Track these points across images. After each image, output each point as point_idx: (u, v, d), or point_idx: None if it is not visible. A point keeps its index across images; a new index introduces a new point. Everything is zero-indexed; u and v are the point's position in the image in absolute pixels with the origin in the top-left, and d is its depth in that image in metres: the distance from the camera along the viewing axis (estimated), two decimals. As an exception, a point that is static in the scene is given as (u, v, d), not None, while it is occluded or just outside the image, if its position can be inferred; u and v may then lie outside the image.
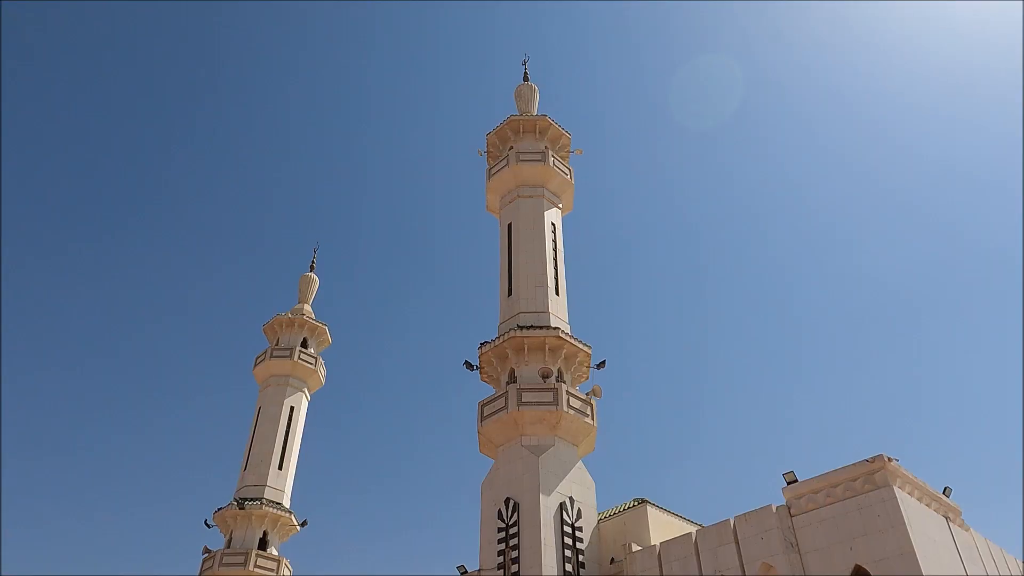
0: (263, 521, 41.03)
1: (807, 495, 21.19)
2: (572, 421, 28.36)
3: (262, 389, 47.11)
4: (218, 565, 39.02)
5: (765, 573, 20.75)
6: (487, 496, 28.06)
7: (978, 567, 21.38)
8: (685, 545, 23.16)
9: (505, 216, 36.47)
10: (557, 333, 30.31)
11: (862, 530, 19.64)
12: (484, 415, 29.33)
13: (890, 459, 20.22)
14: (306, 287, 52.93)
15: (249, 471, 43.25)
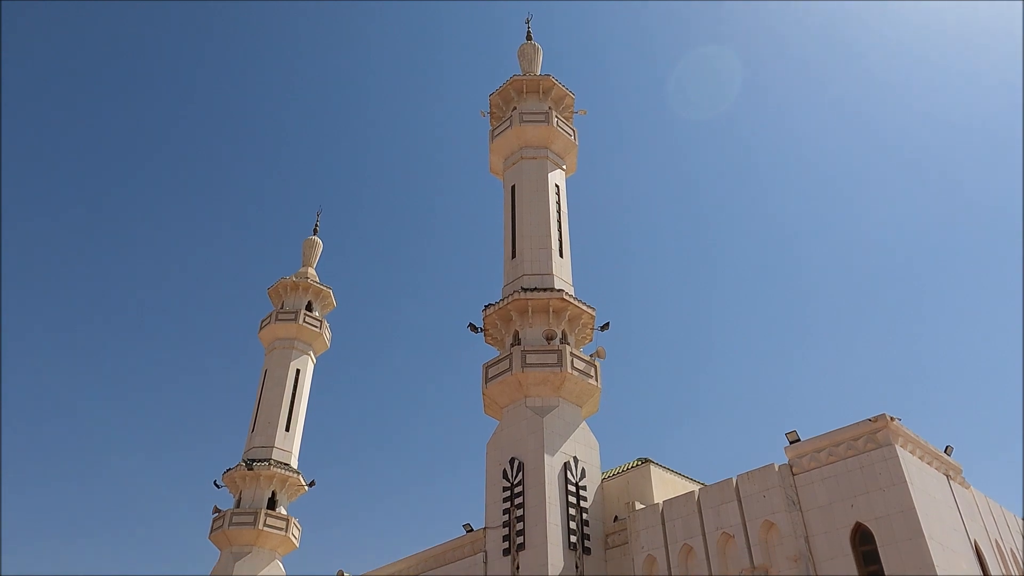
0: (271, 481, 41.63)
1: (810, 454, 21.37)
2: (576, 382, 28.52)
3: (268, 352, 47.42)
4: (228, 524, 39.69)
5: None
6: (492, 456, 28.37)
7: (978, 524, 21.62)
8: (688, 503, 23.44)
9: (508, 178, 36.23)
10: (561, 295, 30.32)
11: (863, 488, 19.84)
12: (488, 377, 29.51)
13: (892, 418, 20.33)
14: (310, 250, 52.92)
15: (257, 433, 43.76)
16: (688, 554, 22.71)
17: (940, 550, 18.54)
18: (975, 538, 20.86)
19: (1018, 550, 22.88)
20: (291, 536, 40.66)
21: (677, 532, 23.14)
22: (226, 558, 39.74)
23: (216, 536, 40.20)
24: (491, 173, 38.55)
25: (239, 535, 39.61)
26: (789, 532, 20.68)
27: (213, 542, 40.70)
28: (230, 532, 39.58)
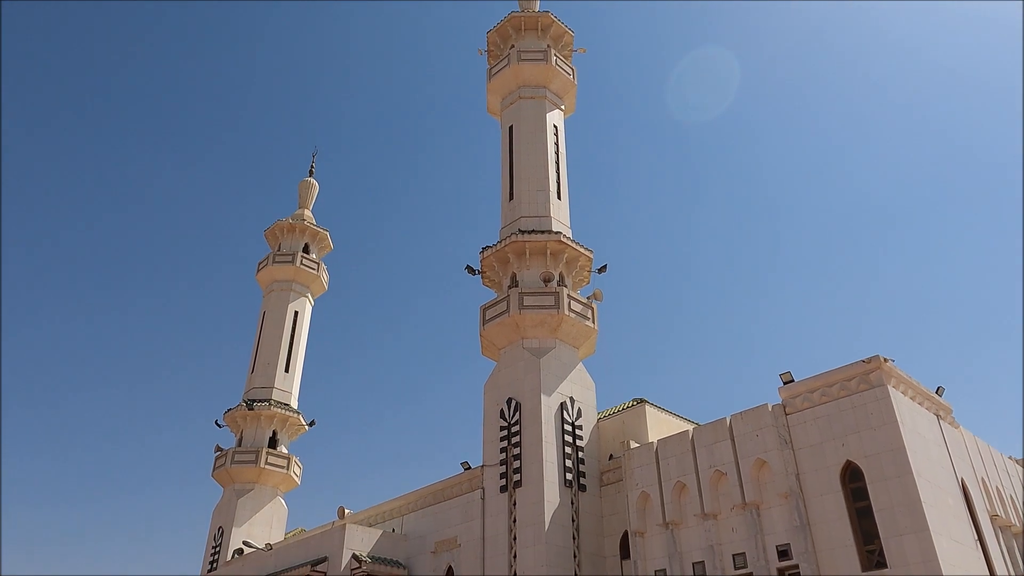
0: (272, 421, 42.20)
1: (803, 394, 21.64)
2: (573, 324, 28.67)
3: (266, 294, 47.50)
4: (230, 462, 40.38)
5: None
6: (490, 397, 28.72)
7: (965, 462, 22.06)
8: (682, 442, 23.84)
9: (506, 118, 35.71)
10: (559, 237, 30.24)
11: (855, 427, 20.16)
12: (486, 318, 29.65)
13: (886, 360, 20.52)
14: (306, 192, 52.47)
15: (256, 374, 44.16)
16: (681, 491, 23.21)
17: (927, 487, 18.96)
18: (962, 476, 21.31)
19: (1004, 487, 23.41)
20: (292, 474, 41.43)
21: (671, 470, 23.59)
22: (229, 495, 40.58)
23: (219, 474, 40.95)
24: (489, 113, 37.97)
25: (241, 473, 40.37)
26: (780, 470, 21.08)
27: (216, 480, 41.50)
28: (232, 470, 40.30)
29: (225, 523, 39.68)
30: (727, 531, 21.88)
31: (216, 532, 40.05)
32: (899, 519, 18.50)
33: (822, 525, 19.90)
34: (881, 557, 18.64)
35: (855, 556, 19.02)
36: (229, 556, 37.35)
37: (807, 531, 20.04)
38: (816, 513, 20.13)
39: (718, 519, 22.20)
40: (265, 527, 39.97)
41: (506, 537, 25.30)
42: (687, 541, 22.61)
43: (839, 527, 19.54)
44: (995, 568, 20.19)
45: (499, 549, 25.36)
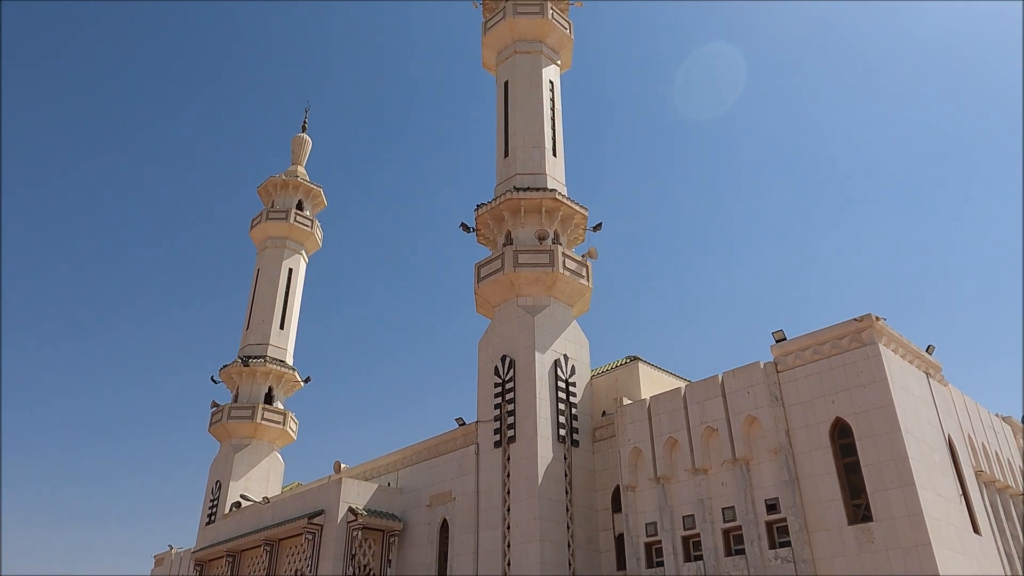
0: (267, 377, 42.44)
1: (795, 352, 21.81)
2: (567, 282, 28.71)
3: (260, 251, 47.34)
4: (227, 418, 40.72)
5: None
6: (484, 354, 28.88)
7: (952, 419, 22.38)
8: (674, 399, 24.09)
9: (502, 73, 35.21)
10: (554, 195, 30.08)
11: (845, 385, 20.38)
12: (481, 276, 29.66)
13: (878, 318, 20.65)
14: (299, 148, 51.92)
15: (251, 330, 44.24)
16: (672, 446, 23.53)
17: (914, 443, 19.26)
18: (949, 432, 21.64)
19: (989, 444, 23.80)
20: (288, 429, 41.83)
21: (663, 426, 23.88)
22: (226, 450, 41.02)
23: (216, 429, 41.33)
24: (484, 68, 37.42)
25: (238, 428, 40.74)
26: (771, 426, 21.37)
27: (213, 435, 41.89)
28: (229, 425, 40.67)
29: (222, 477, 40.19)
30: (717, 485, 22.26)
31: (214, 486, 40.58)
32: (886, 474, 18.83)
33: (810, 480, 20.25)
34: (867, 511, 19.02)
35: (842, 510, 19.41)
36: (227, 509, 37.92)
37: (795, 486, 20.40)
38: (805, 468, 20.47)
39: (708, 474, 22.57)
40: (262, 481, 40.51)
41: (500, 491, 25.70)
42: (677, 495, 23.01)
43: (827, 482, 19.89)
44: (977, 520, 20.64)
45: (493, 502, 25.79)
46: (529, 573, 23.53)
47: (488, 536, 25.49)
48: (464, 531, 26.82)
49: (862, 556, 18.59)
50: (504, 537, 24.86)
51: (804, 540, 19.72)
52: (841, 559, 18.95)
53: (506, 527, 24.96)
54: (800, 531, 19.87)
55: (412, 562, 28.51)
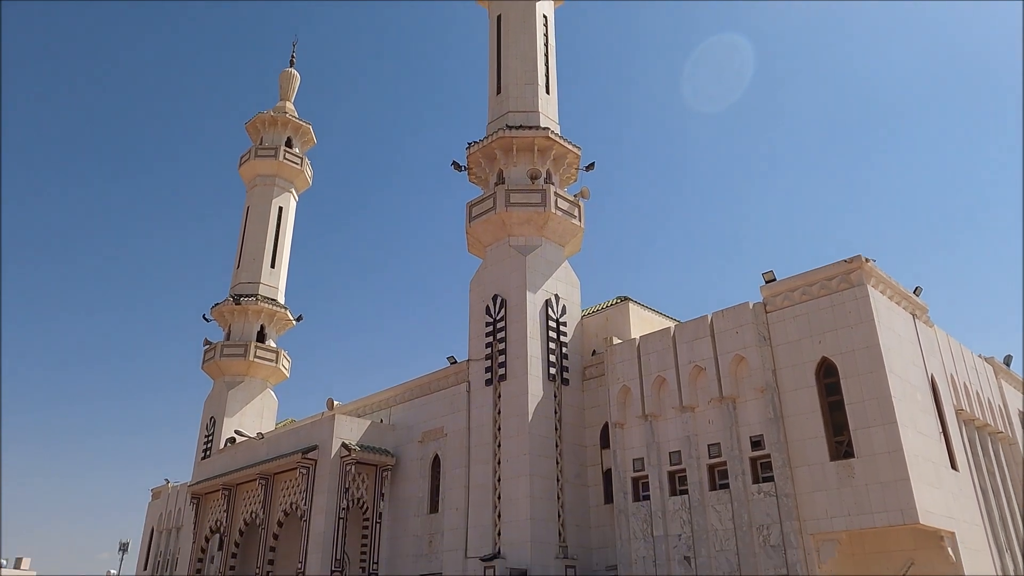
0: (259, 316, 42.56)
1: (784, 293, 21.98)
2: (559, 222, 28.64)
3: (249, 189, 46.87)
4: (219, 355, 40.99)
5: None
6: (475, 293, 28.98)
7: (936, 360, 22.76)
8: (663, 338, 24.34)
9: (494, 7, 34.32)
10: (547, 133, 29.73)
11: (832, 325, 20.62)
12: (472, 215, 29.52)
13: (867, 260, 20.76)
14: (287, 83, 50.90)
15: (242, 269, 44.16)
16: (661, 385, 23.90)
17: (898, 382, 19.62)
18: (932, 373, 22.03)
19: (971, 383, 24.28)
20: (281, 367, 42.18)
21: (651, 365, 24.20)
22: (220, 387, 41.42)
23: (209, 366, 41.63)
24: (476, 2, 36.44)
25: (231, 366, 41.05)
26: (758, 365, 21.68)
27: (206, 372, 42.22)
28: (222, 363, 40.95)
29: (216, 413, 40.69)
30: (704, 423, 22.72)
31: (208, 422, 41.12)
32: (869, 412, 19.23)
33: (795, 418, 20.68)
34: (849, 447, 19.49)
35: (824, 446, 19.88)
36: (222, 445, 38.49)
37: (780, 423, 20.84)
38: (790, 406, 20.87)
39: (695, 412, 23.00)
40: (256, 418, 41.06)
41: (491, 428, 26.15)
42: (665, 432, 23.49)
43: (811, 419, 20.32)
44: (955, 457, 21.22)
45: (484, 439, 26.27)
46: (519, 505, 24.16)
47: (479, 471, 26.05)
48: (456, 466, 27.39)
49: (842, 490, 19.13)
50: (495, 472, 25.41)
51: (787, 475, 20.25)
52: (822, 493, 19.50)
53: (497, 462, 25.49)
54: (783, 467, 20.38)
55: (405, 495, 29.18)
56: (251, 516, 30.71)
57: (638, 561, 22.75)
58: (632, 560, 22.86)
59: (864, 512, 18.62)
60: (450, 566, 26.13)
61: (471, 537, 25.47)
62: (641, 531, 22.95)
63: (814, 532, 19.40)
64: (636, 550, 22.90)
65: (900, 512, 18.03)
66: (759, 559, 20.27)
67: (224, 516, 32.05)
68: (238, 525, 31.50)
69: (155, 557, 45.07)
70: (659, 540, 22.44)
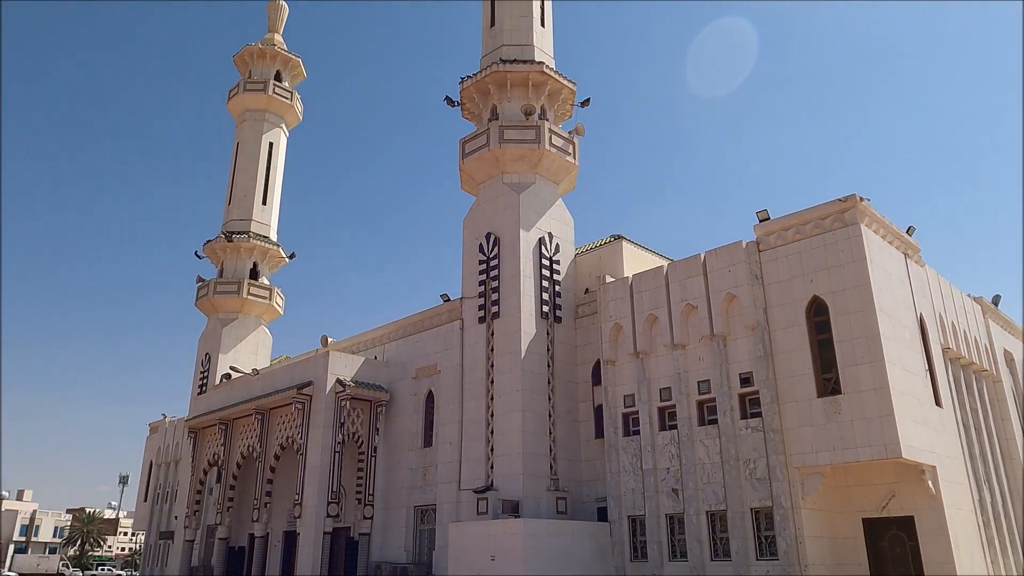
0: (252, 253, 42.40)
1: (777, 232, 21.97)
2: (554, 159, 28.36)
3: (238, 124, 46.08)
4: (213, 292, 40.98)
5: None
6: (469, 231, 28.88)
7: (926, 299, 22.96)
8: (656, 277, 24.43)
9: (488, -66, 33.12)
10: (541, 68, 29.15)
11: (824, 264, 20.69)
12: (466, 152, 29.18)
13: (862, 199, 20.71)
14: (275, 15, 49.46)
15: (233, 206, 43.76)
16: (653, 323, 24.10)
17: (887, 320, 19.82)
18: (921, 311, 22.25)
19: (958, 323, 24.56)
20: (275, 304, 42.25)
21: (644, 303, 24.34)
22: (214, 324, 41.55)
23: (202, 303, 41.67)
24: (469, -72, 35.18)
25: (224, 303, 41.10)
26: (749, 304, 21.84)
27: (200, 309, 42.29)
28: (215, 300, 40.98)
29: (211, 350, 40.93)
30: (694, 360, 23.01)
31: (203, 358, 41.39)
32: (857, 350, 19.49)
33: (784, 355, 20.95)
34: (836, 384, 19.82)
35: (812, 383, 20.20)
36: (217, 381, 38.86)
37: (769, 360, 21.12)
38: (779, 344, 21.12)
39: (686, 349, 23.26)
40: (250, 354, 41.34)
41: (484, 364, 26.43)
42: (655, 369, 23.80)
43: (800, 357, 20.59)
44: (940, 394, 21.64)
45: (477, 375, 26.57)
46: (511, 440, 24.62)
47: (472, 406, 26.44)
48: (449, 402, 27.79)
49: (828, 426, 19.54)
50: (488, 407, 25.80)
51: (774, 411, 20.64)
52: (808, 428, 19.92)
53: (490, 398, 25.85)
54: (771, 403, 20.75)
55: (399, 430, 29.67)
56: (248, 450, 31.24)
57: (627, 493, 23.35)
58: (621, 492, 23.46)
59: (848, 447, 19.06)
60: (444, 498, 26.78)
61: (464, 470, 26.03)
62: (631, 464, 23.47)
63: (799, 466, 19.89)
64: (625, 483, 23.47)
65: (884, 447, 18.46)
66: (744, 491, 20.83)
67: (222, 450, 32.60)
68: (235, 458, 32.07)
69: (155, 489, 46.01)
70: (648, 473, 22.99)
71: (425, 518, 27.86)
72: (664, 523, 22.36)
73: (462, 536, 23.27)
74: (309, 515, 27.26)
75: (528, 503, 23.77)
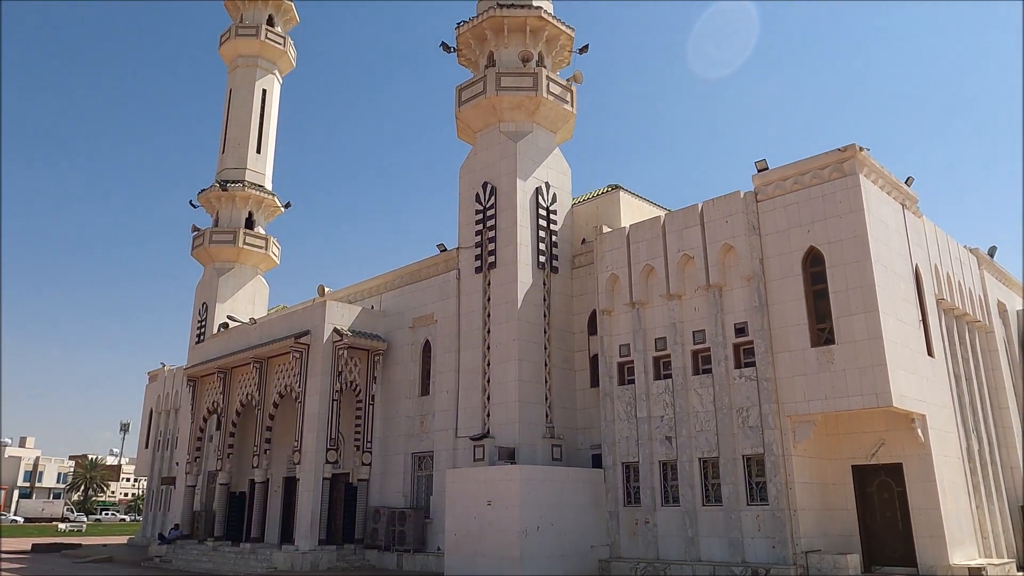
0: (247, 202, 42.14)
1: (775, 182, 21.85)
2: (551, 107, 28.00)
3: (231, 71, 45.29)
4: (208, 242, 40.87)
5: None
6: (465, 180, 28.67)
7: (922, 250, 22.97)
8: (653, 227, 24.37)
9: None
10: (539, 12, 28.57)
11: (822, 215, 20.63)
12: (462, 100, 28.78)
13: (861, 149, 20.54)
14: (266, -44, 48.10)
15: (227, 154, 43.32)
16: (649, 273, 24.13)
17: (882, 271, 19.87)
18: (917, 262, 22.28)
19: (954, 274, 24.63)
20: (271, 254, 42.20)
21: (641, 253, 24.34)
22: (210, 273, 41.55)
23: (198, 252, 41.60)
24: None
25: (220, 252, 41.03)
26: (746, 254, 21.85)
27: (196, 258, 42.24)
28: (211, 249, 40.90)
29: (208, 299, 41.02)
30: (690, 310, 23.11)
31: (200, 308, 41.50)
32: (852, 300, 19.58)
33: (779, 306, 21.04)
34: (830, 335, 19.96)
35: (806, 333, 20.34)
36: (215, 330, 39.02)
37: (764, 311, 21.23)
38: (775, 295, 21.20)
39: (682, 299, 23.34)
40: (247, 304, 41.44)
41: (480, 314, 26.54)
42: (651, 319, 23.93)
43: (795, 307, 20.69)
44: (932, 344, 21.83)
45: (474, 325, 26.70)
46: (507, 389, 24.88)
47: (469, 356, 26.64)
48: (446, 351, 27.98)
49: (820, 375, 19.75)
50: (484, 357, 26.00)
51: (768, 361, 20.83)
52: (801, 377, 20.14)
53: (486, 347, 26.03)
54: (765, 352, 20.92)
55: (396, 379, 29.94)
56: (247, 398, 31.55)
57: (621, 441, 23.71)
58: (615, 440, 23.82)
59: (840, 396, 19.30)
60: (441, 445, 27.18)
61: (461, 418, 26.36)
62: (625, 413, 23.78)
63: (791, 414, 20.18)
64: (619, 430, 23.82)
65: (875, 396, 18.70)
66: (737, 439, 21.16)
67: (221, 398, 32.92)
68: (234, 406, 32.41)
69: (155, 437, 46.61)
70: (642, 421, 23.31)
71: (422, 465, 28.33)
72: (657, 469, 22.77)
73: (459, 482, 23.70)
74: (308, 461, 27.70)
75: (524, 450, 24.14)
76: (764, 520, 20.11)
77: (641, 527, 22.65)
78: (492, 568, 21.74)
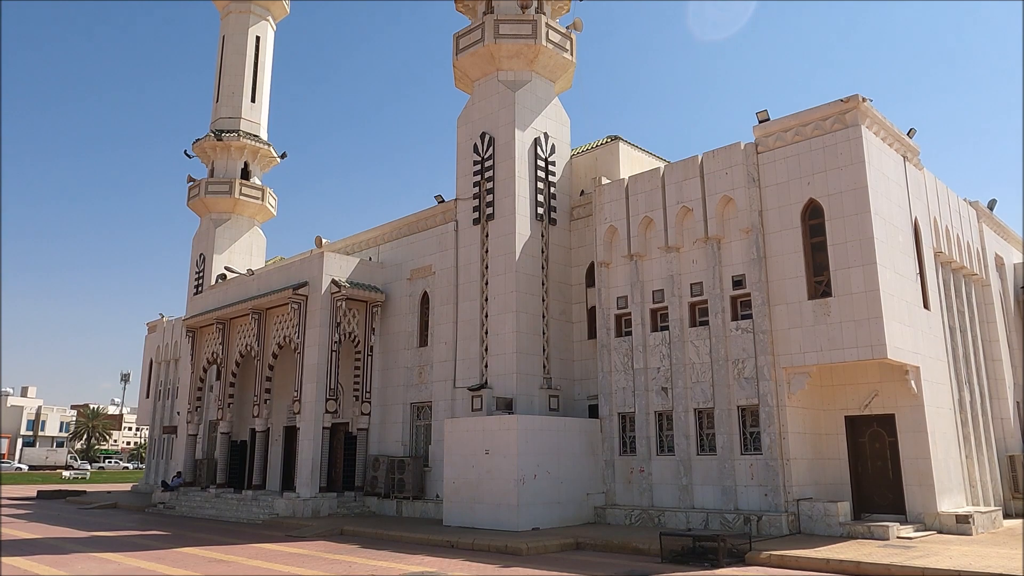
0: (243, 152, 41.71)
1: (776, 133, 21.63)
2: (550, 56, 27.52)
3: (223, 17, 44.33)
4: (204, 192, 40.59)
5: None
6: (463, 131, 28.34)
7: (922, 203, 22.89)
8: (652, 179, 24.20)
9: None
10: (539, -43, 27.82)
11: (822, 167, 20.49)
12: (459, 48, 28.26)
13: (864, 99, 20.28)
14: None
15: (222, 104, 42.69)
16: (648, 225, 24.06)
17: (881, 223, 19.82)
18: (916, 215, 22.22)
19: (952, 227, 24.59)
20: (268, 205, 41.94)
21: (639, 205, 24.22)
22: (207, 224, 41.36)
23: (194, 203, 41.34)
24: None
25: (216, 203, 40.77)
26: (745, 207, 21.75)
27: (192, 209, 42.00)
28: (207, 200, 40.64)
29: (206, 250, 40.91)
30: (688, 263, 23.12)
31: (198, 259, 41.42)
32: (850, 253, 19.57)
33: (777, 258, 21.05)
34: (827, 287, 20.01)
35: (803, 286, 20.39)
36: (212, 281, 39.01)
37: (762, 263, 21.24)
38: (773, 247, 21.18)
39: (680, 252, 23.33)
40: (245, 255, 41.35)
41: (478, 266, 26.53)
42: (649, 271, 23.95)
43: (792, 260, 20.70)
44: (928, 295, 21.92)
45: (472, 276, 26.72)
46: (505, 340, 25.03)
47: (467, 307, 26.72)
48: (444, 302, 28.05)
49: (816, 327, 19.87)
50: (482, 308, 26.08)
51: (765, 313, 20.92)
52: (797, 330, 20.26)
53: (484, 299, 26.10)
54: (762, 305, 21.01)
55: (395, 330, 30.08)
56: (246, 348, 31.72)
57: (618, 392, 23.96)
58: (612, 391, 24.07)
59: (836, 348, 19.45)
60: (439, 395, 27.46)
61: (459, 369, 26.57)
62: (622, 364, 23.98)
63: (787, 366, 20.35)
64: (616, 381, 24.05)
65: (870, 348, 18.85)
66: (732, 390, 21.39)
67: (220, 349, 33.09)
68: (234, 357, 32.60)
69: (156, 387, 46.99)
70: (639, 372, 23.52)
71: (421, 414, 28.66)
72: (653, 420, 23.07)
73: (457, 431, 24.02)
74: (308, 411, 28.01)
75: (521, 400, 24.41)
76: (757, 469, 20.47)
77: (636, 475, 23.06)
78: (490, 514, 22.20)
